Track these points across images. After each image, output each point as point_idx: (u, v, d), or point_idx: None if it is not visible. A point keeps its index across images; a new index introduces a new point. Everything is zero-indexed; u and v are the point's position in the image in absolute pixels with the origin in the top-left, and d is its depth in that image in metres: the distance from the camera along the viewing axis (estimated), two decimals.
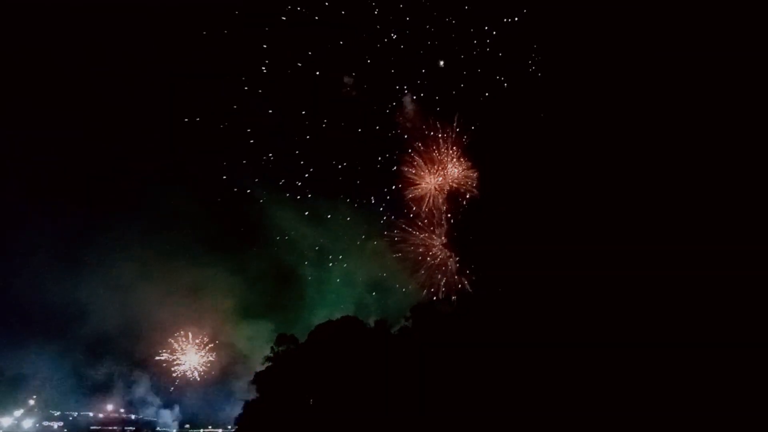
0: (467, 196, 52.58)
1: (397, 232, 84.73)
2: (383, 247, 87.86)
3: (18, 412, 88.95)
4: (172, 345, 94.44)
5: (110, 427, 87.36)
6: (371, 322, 62.77)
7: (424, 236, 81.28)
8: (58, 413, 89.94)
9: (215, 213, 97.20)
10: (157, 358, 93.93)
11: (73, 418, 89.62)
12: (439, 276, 74.79)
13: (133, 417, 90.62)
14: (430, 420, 43.18)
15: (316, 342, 61.48)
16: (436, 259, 76.22)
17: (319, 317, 75.74)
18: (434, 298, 72.07)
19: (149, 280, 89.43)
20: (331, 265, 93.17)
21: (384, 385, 49.05)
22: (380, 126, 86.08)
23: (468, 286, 61.70)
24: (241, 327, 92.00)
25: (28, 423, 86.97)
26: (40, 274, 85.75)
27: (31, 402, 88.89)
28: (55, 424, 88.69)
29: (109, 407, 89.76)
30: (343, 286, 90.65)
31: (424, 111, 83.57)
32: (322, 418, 52.73)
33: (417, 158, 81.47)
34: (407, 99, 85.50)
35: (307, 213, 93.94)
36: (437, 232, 75.51)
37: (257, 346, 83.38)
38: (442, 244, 60.92)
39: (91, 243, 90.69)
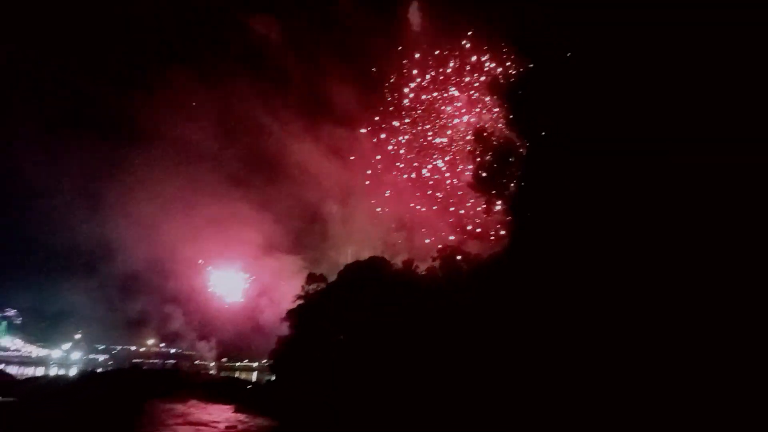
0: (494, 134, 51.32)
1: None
2: (409, 182, 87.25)
3: (66, 346, 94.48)
4: (202, 278, 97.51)
5: (151, 360, 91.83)
6: (399, 262, 63.49)
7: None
8: (102, 347, 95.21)
9: (237, 147, 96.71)
10: (189, 292, 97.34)
11: (116, 351, 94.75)
12: (468, 217, 75.09)
13: (172, 351, 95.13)
14: (457, 360, 44.59)
15: (346, 281, 62.90)
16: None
17: (346, 256, 76.81)
18: (464, 237, 72.50)
19: (173, 216, 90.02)
20: (355, 202, 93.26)
21: (410, 324, 50.42)
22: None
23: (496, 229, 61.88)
24: (267, 262, 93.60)
25: (76, 355, 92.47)
26: (66, 215, 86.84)
27: (77, 336, 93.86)
28: (100, 357, 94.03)
29: (149, 341, 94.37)
30: (369, 224, 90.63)
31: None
32: (354, 354, 54.88)
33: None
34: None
35: (328, 147, 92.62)
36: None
37: (284, 281, 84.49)
38: (468, 185, 60.55)
39: (113, 180, 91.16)
